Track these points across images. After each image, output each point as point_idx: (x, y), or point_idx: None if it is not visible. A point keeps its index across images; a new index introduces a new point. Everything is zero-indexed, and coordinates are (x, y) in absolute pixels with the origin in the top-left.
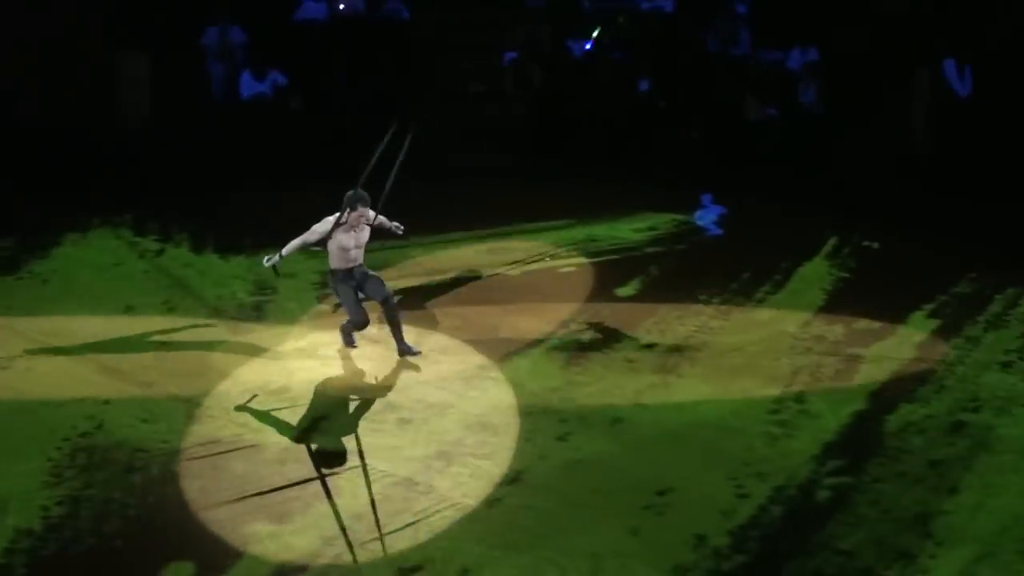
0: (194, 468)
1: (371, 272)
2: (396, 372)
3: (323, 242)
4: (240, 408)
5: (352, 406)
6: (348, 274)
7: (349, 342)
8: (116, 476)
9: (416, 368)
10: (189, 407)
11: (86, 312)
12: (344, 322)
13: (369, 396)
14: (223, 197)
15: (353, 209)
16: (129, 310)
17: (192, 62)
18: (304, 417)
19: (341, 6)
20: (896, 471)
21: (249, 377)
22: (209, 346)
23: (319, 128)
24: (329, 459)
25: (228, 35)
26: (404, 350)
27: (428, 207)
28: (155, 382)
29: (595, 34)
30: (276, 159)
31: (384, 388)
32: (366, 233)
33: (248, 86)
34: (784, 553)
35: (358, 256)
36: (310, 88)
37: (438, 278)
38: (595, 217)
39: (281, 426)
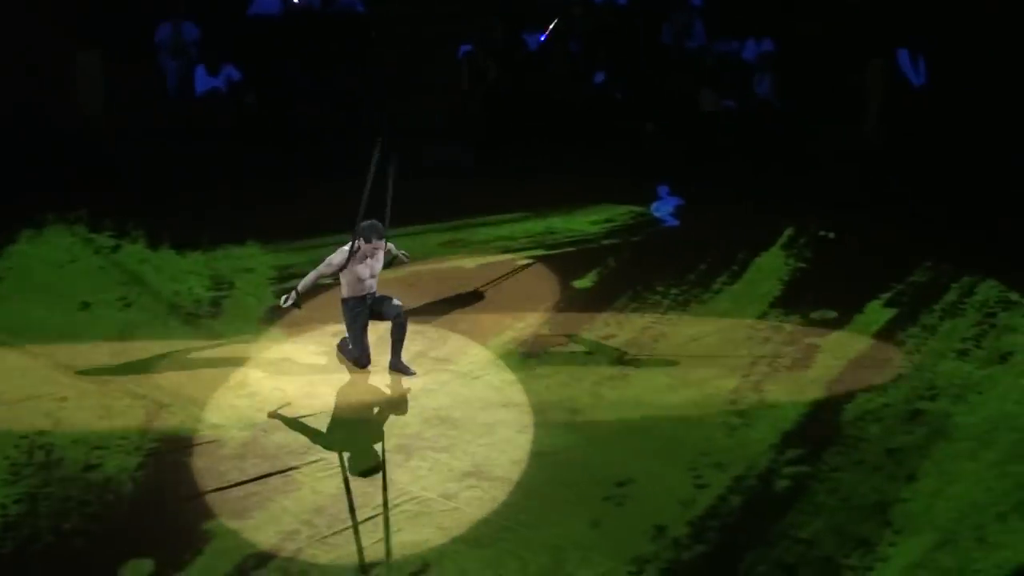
0: (153, 465)
1: (381, 294)
2: (351, 367)
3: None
4: (273, 415)
5: (312, 401)
6: (361, 301)
7: (351, 356)
8: (74, 474)
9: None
10: (147, 404)
11: (42, 309)
12: (345, 344)
13: (328, 389)
14: (179, 193)
15: (368, 241)
16: (85, 307)
17: (146, 58)
18: (263, 412)
19: (295, 0)
20: (854, 460)
21: (206, 371)
22: (167, 342)
23: (274, 123)
24: (288, 454)
25: (181, 31)
26: (398, 367)
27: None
28: (112, 379)
29: (550, 27)
30: (231, 154)
31: (342, 381)
32: (380, 262)
33: (202, 81)
34: (744, 543)
35: (372, 285)
36: (264, 83)
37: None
38: (552, 209)
39: (241, 422)
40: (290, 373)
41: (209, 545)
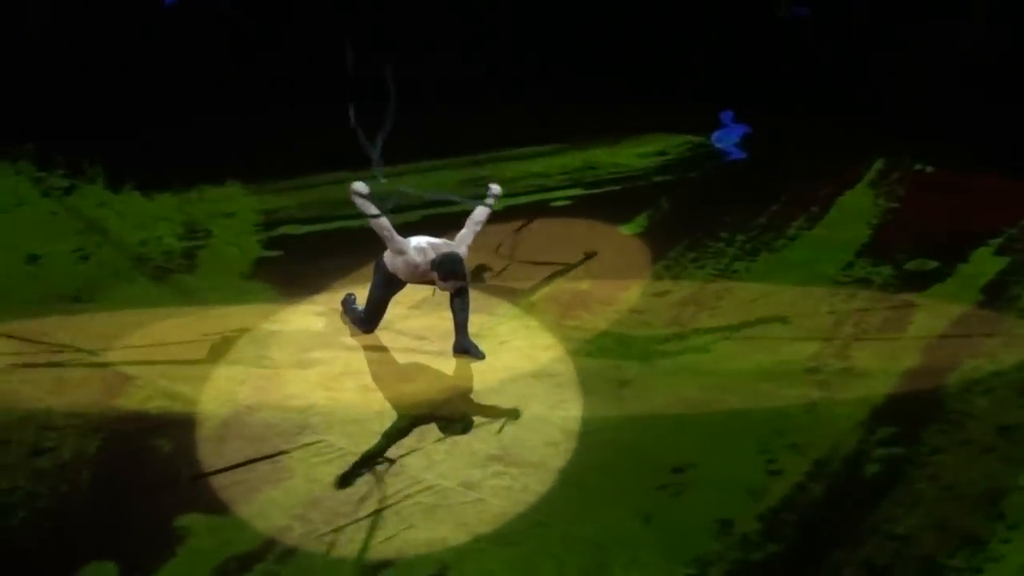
0: (115, 449)
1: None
2: (353, 329)
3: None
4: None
5: (306, 372)
6: (396, 280)
7: (355, 319)
8: (21, 460)
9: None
10: (107, 376)
11: None
12: (351, 301)
13: (326, 357)
14: (144, 123)
15: (443, 278)
16: (34, 260)
17: None
18: (247, 384)
19: None
20: (959, 440)
21: (179, 337)
22: (131, 302)
23: (260, 35)
24: (278, 435)
25: None
26: (466, 347)
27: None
28: (66, 346)
29: None
30: (205, 74)
31: (342, 347)
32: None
33: None
34: (827, 539)
35: (427, 274)
36: None
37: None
38: (592, 141)
39: (221, 397)
40: (280, 339)
41: (182, 545)
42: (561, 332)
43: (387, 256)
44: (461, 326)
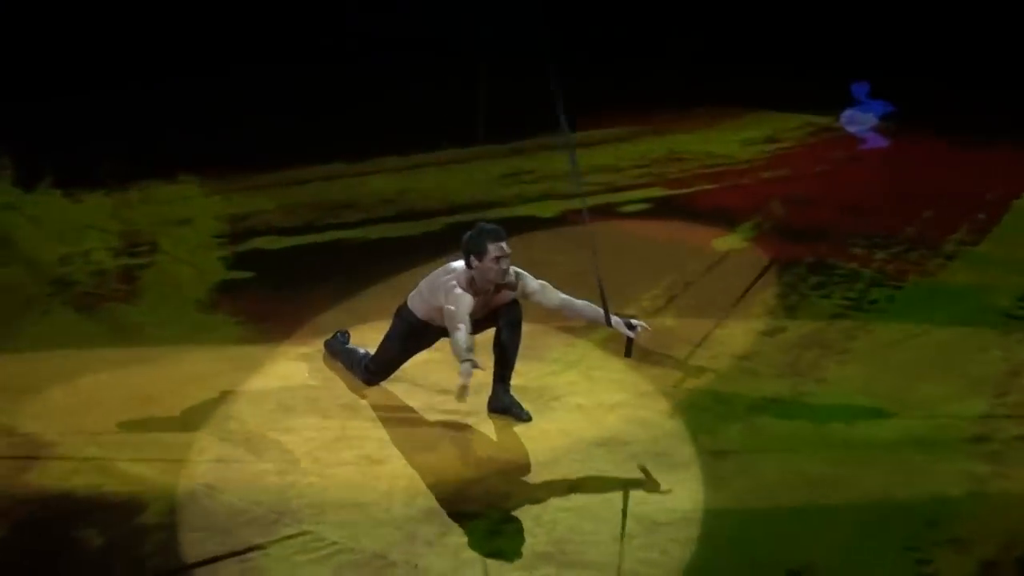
0: (26, 541)
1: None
2: (351, 380)
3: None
4: None
5: (287, 438)
6: (434, 326)
7: (358, 370)
8: None
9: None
10: (13, 446)
11: None
12: (341, 340)
13: (314, 419)
14: (65, 92)
15: (479, 256)
16: None
17: None
18: (207, 455)
19: None
20: None
21: (114, 391)
22: (48, 341)
23: None
24: (249, 525)
25: None
26: (505, 406)
27: (398, 108)
28: None
29: None
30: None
31: (336, 404)
32: (505, 296)
33: None
34: None
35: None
36: None
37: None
38: (677, 121)
39: (171, 473)
40: (252, 393)
41: None
42: (637, 385)
43: (418, 300)
44: (502, 376)
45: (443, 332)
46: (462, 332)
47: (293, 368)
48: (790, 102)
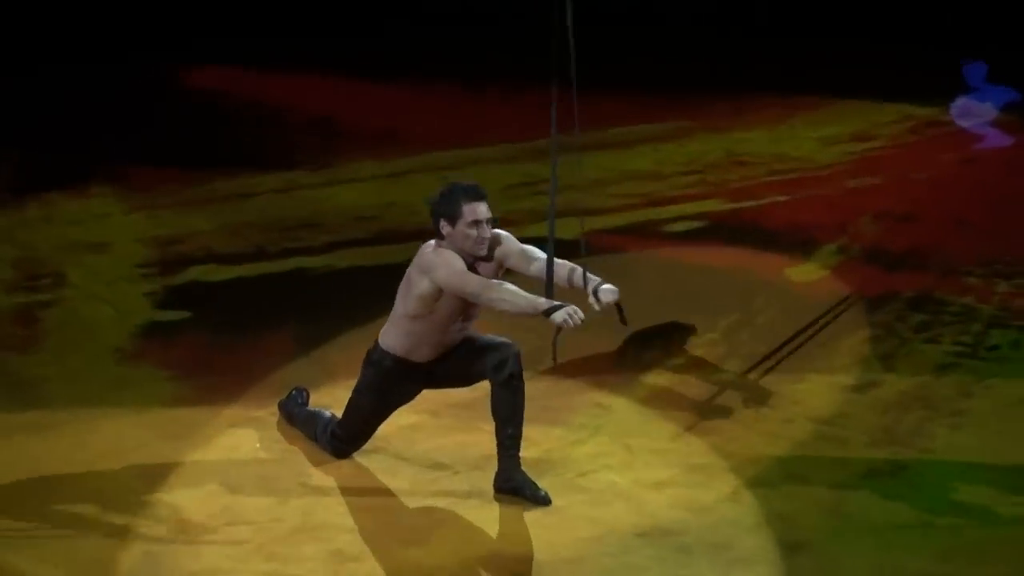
0: None
1: (479, 337)
2: (317, 451)
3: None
4: None
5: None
6: (417, 369)
7: (322, 438)
8: None
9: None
10: None
11: None
12: (296, 404)
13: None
14: None
15: (451, 220)
16: None
17: None
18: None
19: None
20: None
21: (7, 467)
22: None
23: None
24: None
25: None
26: (516, 483)
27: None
28: None
29: None
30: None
31: (297, 484)
32: (493, 276)
33: None
34: None
35: (463, 330)
36: None
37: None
38: (735, 116)
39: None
40: (188, 471)
41: None
42: (687, 456)
43: (392, 331)
44: (507, 445)
45: (429, 375)
46: (504, 286)
47: (240, 437)
48: (884, 88)
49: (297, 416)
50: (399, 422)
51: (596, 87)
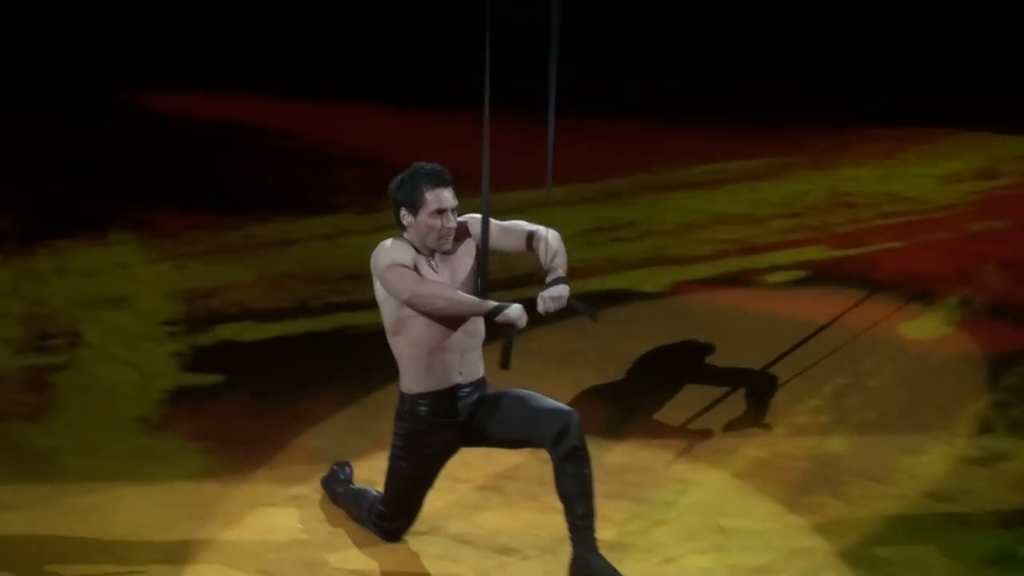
0: None
1: (532, 398)
2: (368, 532)
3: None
4: None
5: None
6: (447, 408)
7: (373, 522)
8: None
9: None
10: None
11: None
12: (338, 481)
13: None
14: None
15: (412, 209)
16: None
17: None
18: None
19: None
20: None
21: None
22: None
23: None
24: None
25: None
26: (597, 573)
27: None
28: None
29: None
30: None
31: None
32: (467, 270)
33: None
34: None
35: (471, 347)
36: None
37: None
38: (840, 149)
39: None
40: (220, 552)
41: None
42: (789, 539)
43: (408, 378)
44: (579, 527)
45: (468, 422)
46: (454, 294)
47: (279, 517)
48: (1010, 118)
49: (341, 495)
50: (459, 499)
51: (680, 118)
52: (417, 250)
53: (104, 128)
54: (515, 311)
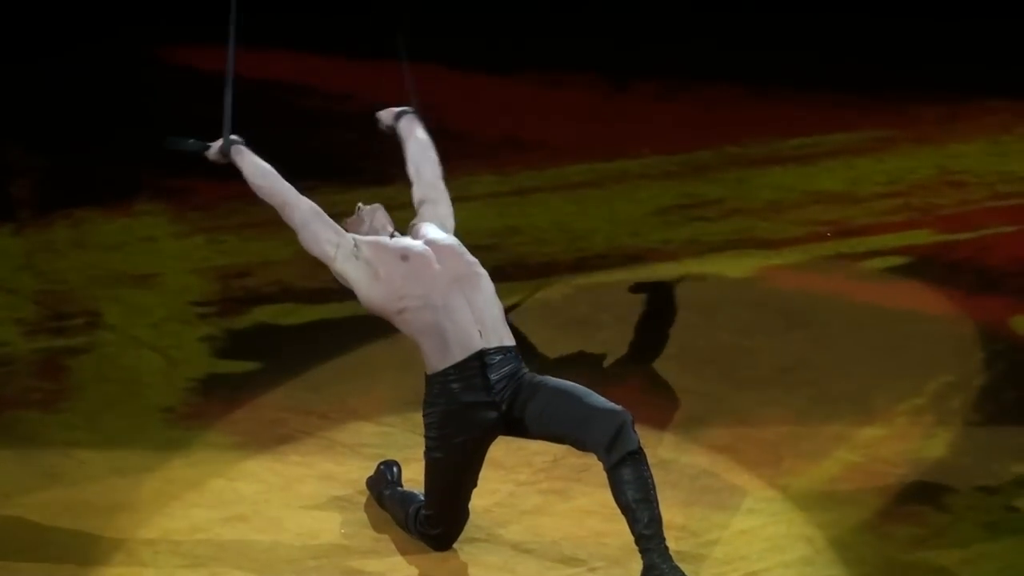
0: None
1: (584, 396)
2: (414, 539)
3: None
4: None
5: None
6: (478, 376)
7: (417, 527)
8: None
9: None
10: None
11: None
12: (386, 482)
13: None
14: None
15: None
16: None
17: None
18: None
19: None
20: None
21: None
22: None
23: None
24: None
25: None
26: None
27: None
28: None
29: None
30: None
31: None
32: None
33: None
34: None
35: (488, 318)
36: None
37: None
38: (948, 123)
39: None
40: (256, 555)
41: None
42: (883, 551)
43: (427, 359)
44: (645, 536)
45: (504, 408)
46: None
47: (321, 521)
48: None
49: (387, 498)
50: (519, 504)
51: (770, 87)
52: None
53: (134, 86)
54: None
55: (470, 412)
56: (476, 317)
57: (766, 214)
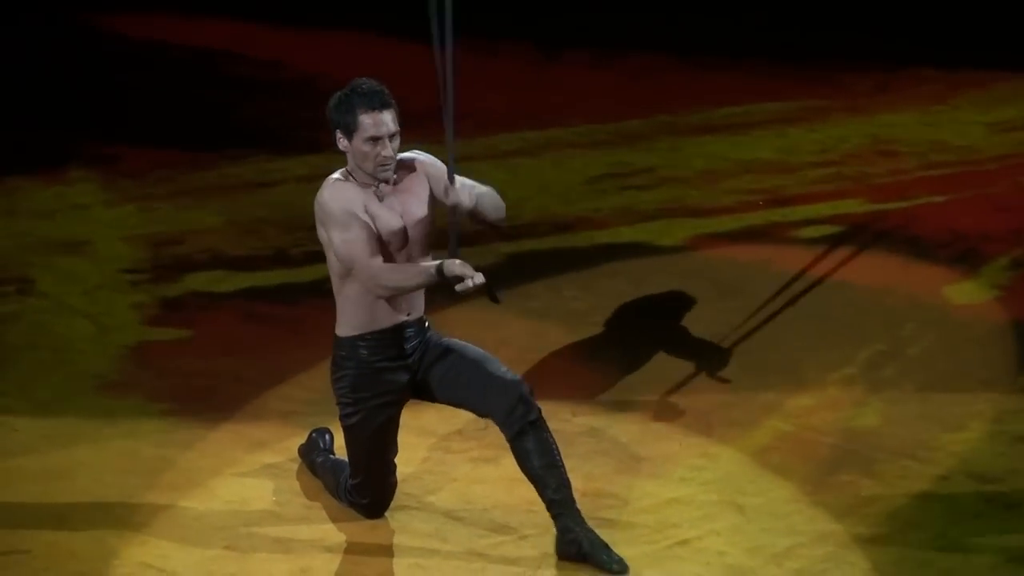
0: None
1: (482, 360)
2: (345, 508)
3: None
4: None
5: None
6: (392, 346)
7: (346, 494)
8: None
9: None
10: None
11: None
12: (317, 449)
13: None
14: None
15: (347, 132)
16: None
17: None
18: None
19: None
20: None
21: None
22: None
23: None
24: None
25: None
26: (586, 550)
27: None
28: None
29: None
30: None
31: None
32: (423, 207)
33: None
34: None
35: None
36: None
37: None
38: (881, 93)
39: None
40: (184, 524)
41: None
42: (814, 520)
43: (348, 318)
44: (556, 501)
45: (414, 368)
46: (402, 273)
47: (251, 489)
48: None
49: (320, 466)
50: (450, 472)
51: (704, 56)
52: (361, 183)
53: (64, 53)
54: (456, 266)
55: (383, 375)
56: (410, 295)
57: (698, 183)
